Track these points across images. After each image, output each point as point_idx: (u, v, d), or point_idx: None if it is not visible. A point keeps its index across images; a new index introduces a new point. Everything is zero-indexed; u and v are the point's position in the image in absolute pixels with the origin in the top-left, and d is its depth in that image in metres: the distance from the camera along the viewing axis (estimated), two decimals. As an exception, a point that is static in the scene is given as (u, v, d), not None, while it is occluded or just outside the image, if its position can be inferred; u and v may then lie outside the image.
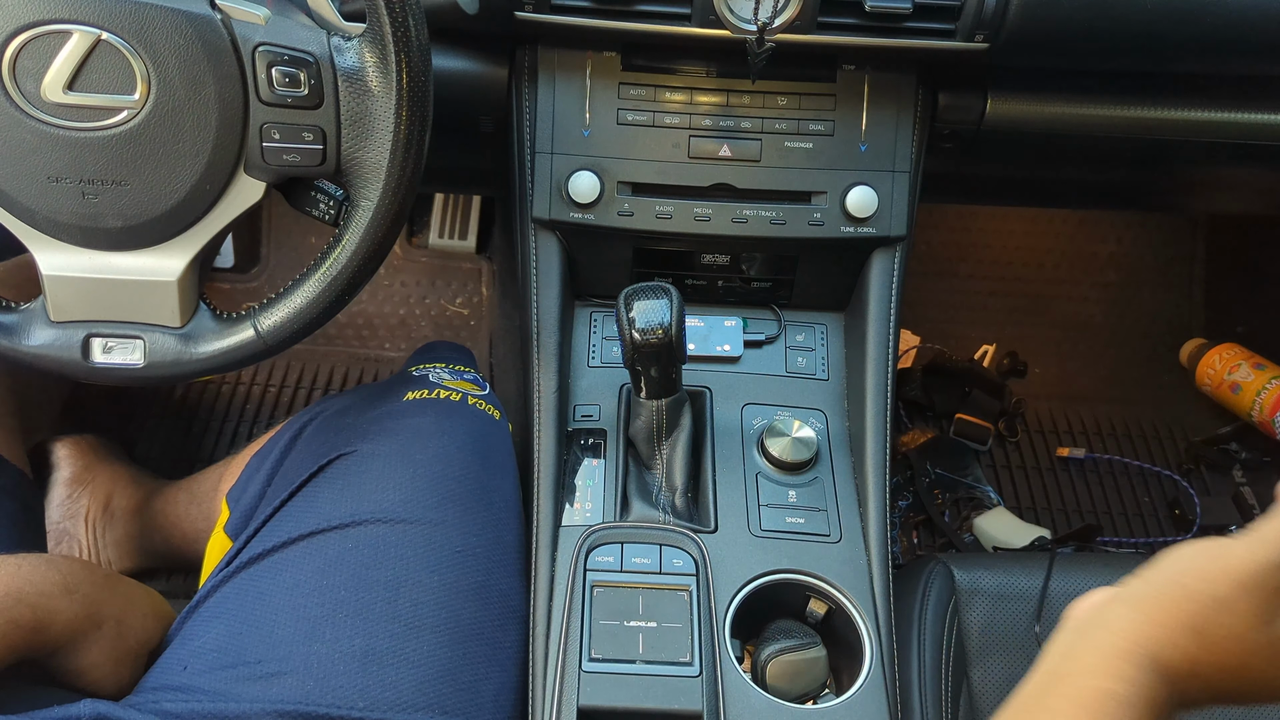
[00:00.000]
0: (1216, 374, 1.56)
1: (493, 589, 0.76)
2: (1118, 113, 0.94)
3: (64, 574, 0.71)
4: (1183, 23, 0.80)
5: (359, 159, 0.67)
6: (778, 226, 0.89)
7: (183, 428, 1.44)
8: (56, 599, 0.69)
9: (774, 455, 0.85)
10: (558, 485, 0.84)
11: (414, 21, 0.63)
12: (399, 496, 0.77)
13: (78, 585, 0.72)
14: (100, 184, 0.66)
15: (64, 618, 0.69)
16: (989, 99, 0.92)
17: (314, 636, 0.70)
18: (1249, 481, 1.50)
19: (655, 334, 0.77)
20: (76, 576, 0.72)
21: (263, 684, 0.68)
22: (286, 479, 0.82)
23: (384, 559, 0.74)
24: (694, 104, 0.88)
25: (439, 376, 0.90)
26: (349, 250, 0.69)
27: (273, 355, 0.73)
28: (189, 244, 0.70)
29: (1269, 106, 0.95)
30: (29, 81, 0.63)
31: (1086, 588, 0.88)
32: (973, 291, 1.68)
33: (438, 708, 0.69)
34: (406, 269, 1.59)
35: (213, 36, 0.63)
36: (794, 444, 0.86)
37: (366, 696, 0.68)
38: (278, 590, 0.73)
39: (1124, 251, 1.69)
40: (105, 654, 0.73)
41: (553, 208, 0.89)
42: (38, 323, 0.71)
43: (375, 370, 1.55)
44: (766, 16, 0.78)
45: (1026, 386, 1.61)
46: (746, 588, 0.78)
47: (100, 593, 0.74)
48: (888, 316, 0.92)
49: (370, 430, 0.82)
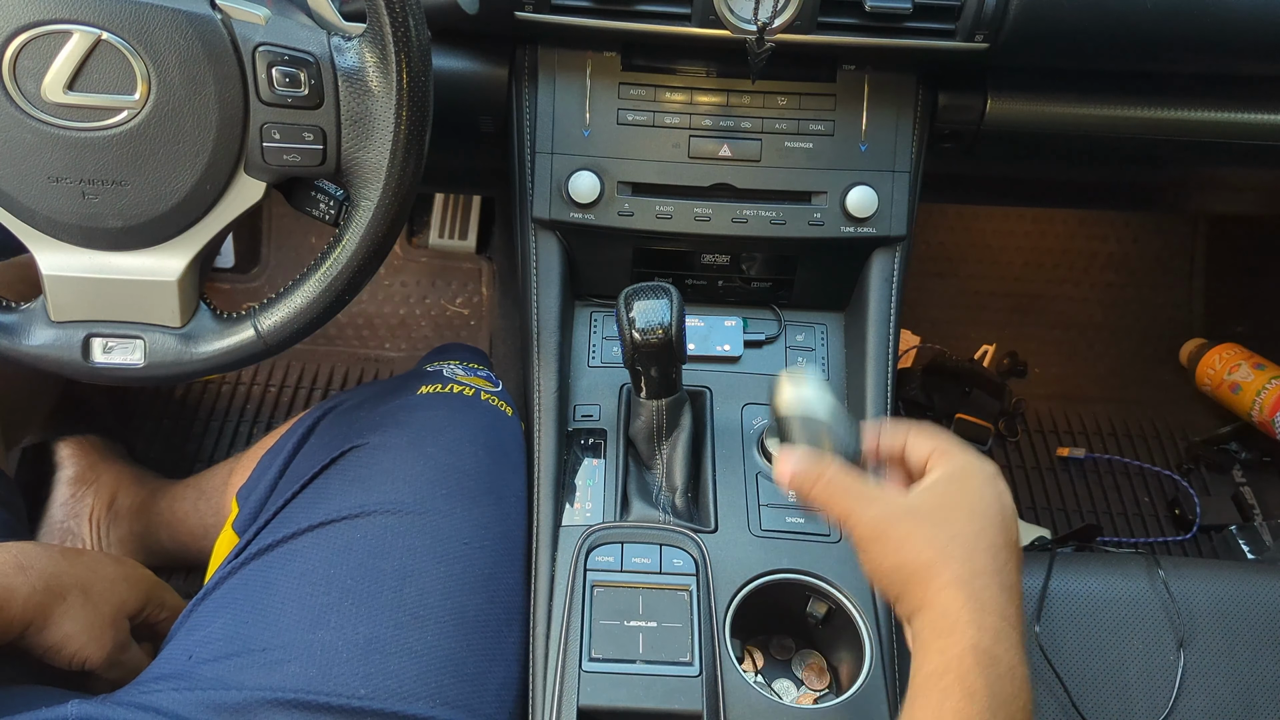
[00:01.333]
0: (1216, 374, 1.56)
1: (500, 583, 0.77)
2: (1118, 113, 0.94)
3: (15, 554, 0.73)
4: (1183, 22, 0.80)
5: (359, 159, 0.67)
6: (778, 226, 0.89)
7: (183, 428, 1.44)
8: (10, 576, 0.71)
9: (774, 455, 0.85)
10: (558, 485, 0.84)
11: (414, 21, 0.63)
12: (409, 488, 0.77)
13: (31, 562, 0.73)
14: (100, 184, 0.66)
15: (22, 594, 0.71)
16: (989, 99, 0.92)
17: (318, 624, 0.70)
18: (1249, 481, 1.50)
19: (655, 334, 0.77)
20: (29, 554, 0.74)
21: (265, 672, 0.68)
22: (298, 473, 0.82)
23: (392, 549, 0.74)
24: (694, 104, 0.89)
25: (452, 372, 0.90)
26: (349, 250, 0.69)
27: (273, 355, 0.73)
28: (189, 244, 0.70)
29: (1269, 106, 0.95)
30: (29, 81, 0.63)
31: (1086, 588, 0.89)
32: (973, 291, 1.68)
33: (440, 698, 0.69)
34: (406, 269, 1.60)
35: (213, 36, 0.63)
36: (794, 444, 0.86)
37: (368, 685, 0.68)
38: (285, 579, 0.73)
39: (1124, 251, 1.70)
40: (78, 624, 0.74)
41: (553, 208, 0.89)
42: (38, 323, 0.71)
43: (375, 370, 1.56)
44: (766, 16, 0.78)
45: (1026, 386, 1.61)
46: (746, 588, 0.78)
47: (57, 565, 0.75)
48: (888, 316, 0.92)
49: (382, 423, 0.82)
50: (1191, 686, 0.83)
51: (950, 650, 0.52)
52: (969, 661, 0.51)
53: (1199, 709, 0.82)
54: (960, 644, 0.52)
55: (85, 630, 0.75)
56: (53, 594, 0.73)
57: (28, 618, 0.72)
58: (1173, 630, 0.85)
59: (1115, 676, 0.83)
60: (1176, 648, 0.84)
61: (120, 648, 0.77)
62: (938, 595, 0.54)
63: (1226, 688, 0.83)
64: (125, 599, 0.79)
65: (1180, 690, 0.82)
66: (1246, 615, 0.86)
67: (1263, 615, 0.86)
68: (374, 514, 0.76)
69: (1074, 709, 0.81)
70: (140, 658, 0.80)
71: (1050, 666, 0.82)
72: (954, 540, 0.55)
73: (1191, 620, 0.85)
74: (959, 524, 0.56)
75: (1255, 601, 0.87)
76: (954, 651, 0.51)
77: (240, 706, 0.66)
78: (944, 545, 0.55)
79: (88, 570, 0.78)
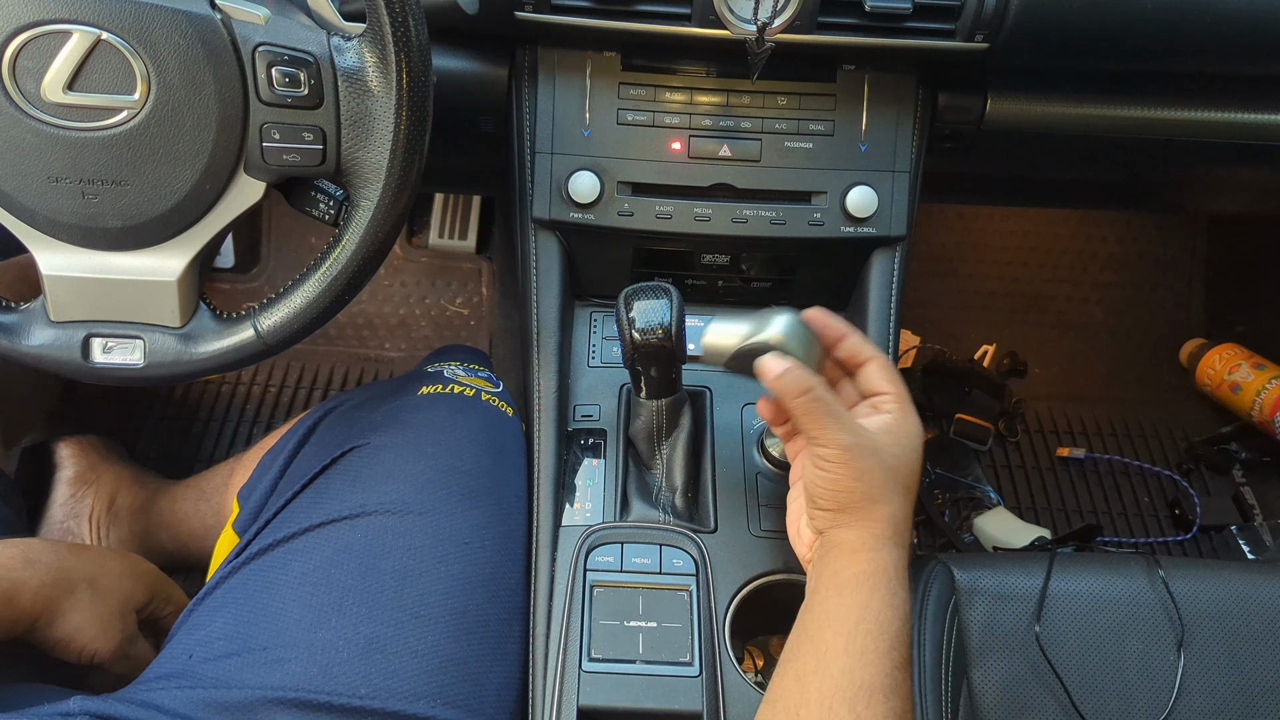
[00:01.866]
0: (1216, 374, 1.56)
1: (500, 583, 0.77)
2: (1118, 113, 0.94)
3: (21, 549, 0.73)
4: (1182, 22, 0.80)
5: (359, 159, 0.67)
6: (778, 226, 0.89)
7: (183, 428, 1.44)
8: (18, 571, 0.72)
9: (774, 455, 0.85)
10: (558, 485, 0.84)
11: (414, 21, 0.63)
12: (409, 488, 0.77)
13: (38, 556, 0.74)
14: (100, 184, 0.66)
15: (30, 587, 0.72)
16: (989, 99, 0.92)
17: (319, 624, 0.70)
18: (1249, 481, 1.50)
19: (655, 334, 0.77)
20: (35, 549, 0.75)
21: (266, 671, 0.68)
22: (298, 473, 0.82)
23: (392, 549, 0.74)
24: (694, 104, 0.89)
25: (453, 373, 0.90)
26: (349, 250, 0.69)
27: (273, 355, 0.73)
28: (189, 244, 0.70)
29: (1269, 106, 0.95)
30: (29, 81, 0.63)
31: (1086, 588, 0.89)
32: (973, 291, 1.68)
33: (440, 698, 0.69)
34: (406, 269, 1.60)
35: (213, 36, 0.63)
36: (794, 444, 0.86)
37: (369, 684, 0.68)
38: (286, 579, 0.74)
39: (1124, 251, 1.70)
40: (86, 616, 0.75)
41: (553, 208, 0.89)
42: (38, 323, 0.71)
43: (375, 370, 1.56)
44: (766, 16, 0.78)
45: (1026, 386, 1.61)
46: (746, 588, 0.78)
47: (64, 560, 0.76)
48: (888, 316, 0.92)
49: (383, 423, 0.82)
50: (1191, 686, 0.83)
51: (878, 561, 0.65)
52: (892, 571, 0.65)
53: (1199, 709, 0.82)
54: (887, 558, 0.65)
55: (94, 623, 0.75)
56: (61, 587, 0.74)
57: (36, 611, 0.72)
58: (1173, 630, 0.85)
59: (1115, 676, 0.83)
60: (1176, 648, 0.84)
61: (128, 641, 0.78)
62: (876, 520, 0.66)
63: (1226, 688, 0.83)
64: (132, 592, 0.80)
65: (1180, 690, 0.82)
66: (1246, 615, 0.86)
67: (1263, 615, 0.86)
68: (375, 514, 0.76)
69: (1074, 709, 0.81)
70: (147, 651, 0.81)
71: (1050, 666, 0.82)
72: (897, 481, 0.67)
73: (1191, 620, 0.85)
74: (902, 471, 0.68)
75: (1255, 601, 0.87)
76: (881, 562, 0.65)
77: (241, 705, 0.66)
78: (890, 484, 0.67)
79: (94, 564, 0.78)
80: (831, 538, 0.67)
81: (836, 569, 0.65)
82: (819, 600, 0.65)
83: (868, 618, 0.62)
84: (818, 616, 0.64)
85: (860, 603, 0.63)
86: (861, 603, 0.63)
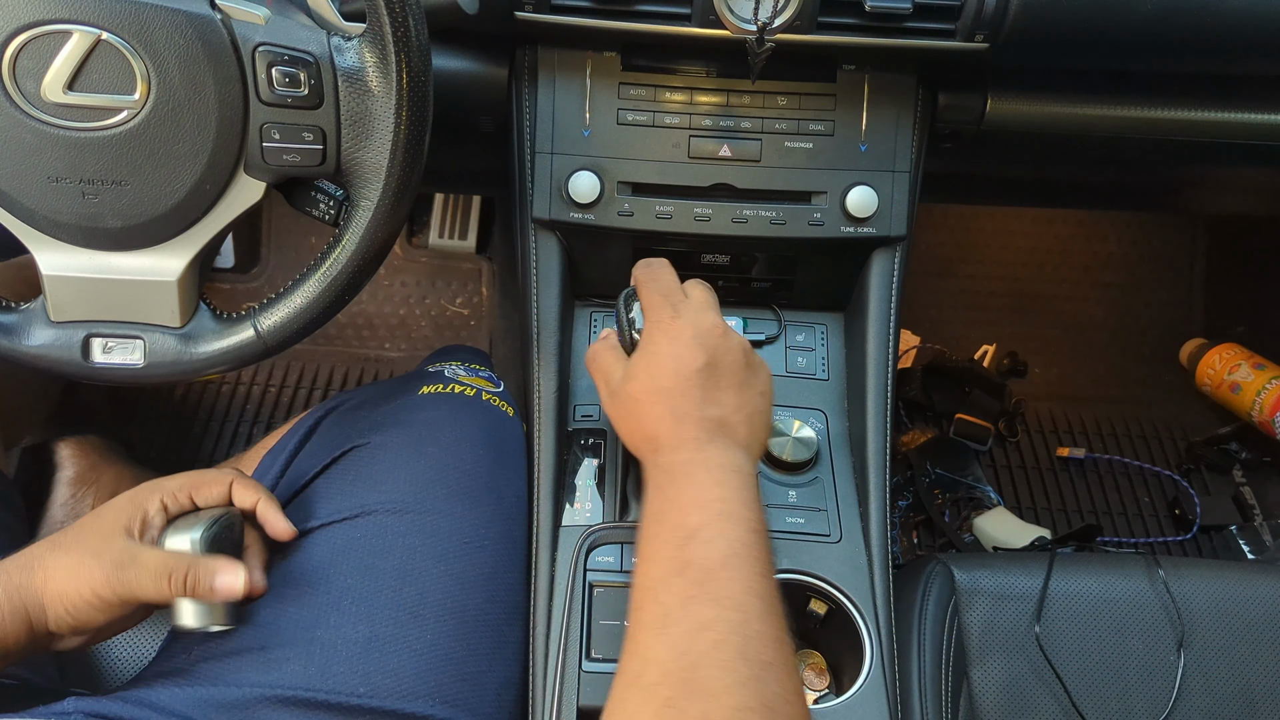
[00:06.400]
0: (1216, 374, 1.56)
1: (500, 582, 0.77)
2: (1117, 113, 0.94)
3: None
4: (1182, 22, 0.80)
5: (359, 159, 0.67)
6: (778, 226, 0.89)
7: (183, 428, 1.44)
8: None
9: (774, 455, 0.85)
10: (558, 485, 0.84)
11: (414, 21, 0.63)
12: (409, 487, 0.77)
13: None
14: (100, 184, 0.66)
15: None
16: (989, 99, 0.92)
17: (318, 623, 0.70)
18: (1249, 481, 1.50)
19: (655, 334, 0.76)
20: None
21: (264, 669, 0.68)
22: (298, 472, 0.82)
23: (392, 548, 0.74)
24: (694, 104, 0.88)
25: (454, 372, 0.90)
26: (349, 250, 0.69)
27: (273, 355, 0.73)
28: (189, 244, 0.70)
29: (1269, 106, 0.95)
30: (29, 81, 0.63)
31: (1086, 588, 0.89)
32: (973, 291, 1.68)
33: (439, 697, 0.69)
34: (406, 269, 1.60)
35: (213, 36, 0.63)
36: (794, 444, 0.86)
37: (368, 683, 0.68)
38: (285, 578, 0.73)
39: (1124, 251, 1.70)
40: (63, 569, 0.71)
41: (553, 208, 0.89)
42: (38, 323, 0.71)
43: (375, 370, 1.56)
44: (766, 16, 0.78)
45: (1026, 386, 1.61)
46: (746, 588, 0.78)
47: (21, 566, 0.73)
48: (888, 316, 0.92)
49: (383, 423, 0.82)
50: (1191, 686, 0.83)
51: (726, 471, 0.67)
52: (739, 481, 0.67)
53: (1199, 709, 0.82)
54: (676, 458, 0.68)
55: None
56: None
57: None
58: (1173, 630, 0.85)
59: (1115, 676, 0.83)
60: (1176, 648, 0.84)
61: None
62: (683, 440, 0.68)
63: (1226, 688, 0.83)
64: None
65: (1180, 690, 0.82)
66: (1246, 615, 0.86)
67: (1263, 615, 0.86)
68: (375, 513, 0.76)
69: (1074, 709, 0.81)
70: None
71: (1050, 666, 0.82)
72: (668, 397, 0.69)
73: (1191, 620, 0.85)
74: (666, 385, 0.69)
75: (1255, 601, 0.87)
76: (665, 463, 0.68)
77: (239, 704, 0.66)
78: (662, 403, 0.69)
79: None
80: (665, 459, 0.69)
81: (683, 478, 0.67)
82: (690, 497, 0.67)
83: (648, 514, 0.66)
84: None
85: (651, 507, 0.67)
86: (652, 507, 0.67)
